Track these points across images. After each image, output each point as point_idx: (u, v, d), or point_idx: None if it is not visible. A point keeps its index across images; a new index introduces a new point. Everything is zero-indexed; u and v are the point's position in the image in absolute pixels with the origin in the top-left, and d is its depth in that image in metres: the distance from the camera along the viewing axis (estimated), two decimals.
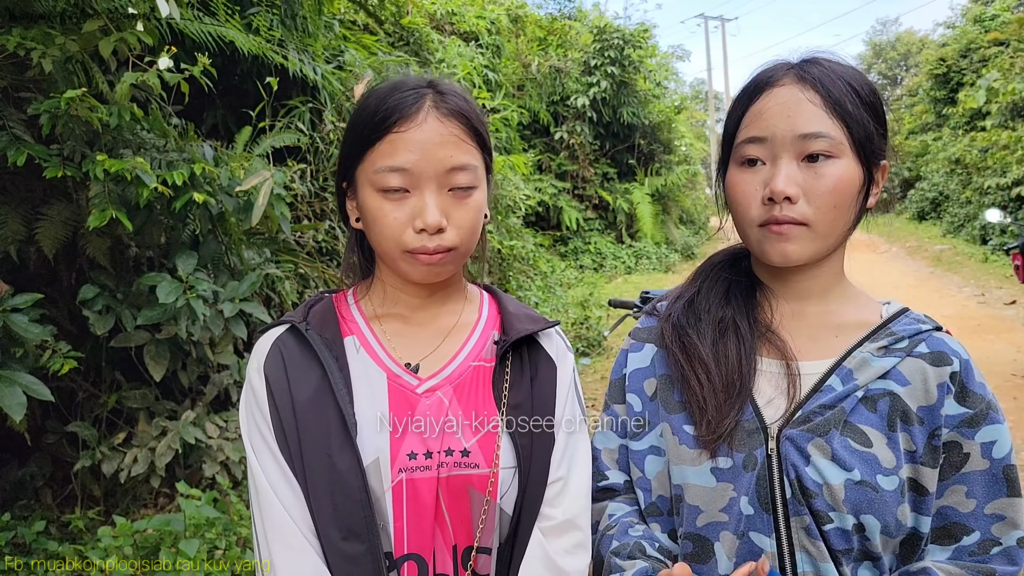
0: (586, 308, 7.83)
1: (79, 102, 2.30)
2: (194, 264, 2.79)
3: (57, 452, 3.12)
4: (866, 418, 0.94)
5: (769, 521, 0.93)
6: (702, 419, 0.97)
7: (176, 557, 2.54)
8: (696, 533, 0.98)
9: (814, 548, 0.92)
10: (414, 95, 0.96)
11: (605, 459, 1.11)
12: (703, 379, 0.99)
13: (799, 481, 0.92)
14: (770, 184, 0.92)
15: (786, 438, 0.94)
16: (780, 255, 0.95)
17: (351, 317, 1.07)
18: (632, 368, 1.10)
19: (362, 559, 0.93)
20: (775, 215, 0.93)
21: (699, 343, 1.02)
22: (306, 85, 4.05)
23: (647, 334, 1.12)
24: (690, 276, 1.15)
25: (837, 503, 0.90)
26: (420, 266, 0.97)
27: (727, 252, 1.13)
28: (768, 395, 0.99)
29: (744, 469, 0.95)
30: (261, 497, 0.95)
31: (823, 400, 0.95)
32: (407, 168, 0.94)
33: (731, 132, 1.01)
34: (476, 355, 1.06)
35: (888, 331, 0.99)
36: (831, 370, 0.97)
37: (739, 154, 0.98)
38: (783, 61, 1.00)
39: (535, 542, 1.00)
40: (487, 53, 9.28)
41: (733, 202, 0.99)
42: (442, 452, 0.98)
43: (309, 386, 0.97)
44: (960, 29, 19.20)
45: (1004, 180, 12.00)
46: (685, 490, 0.99)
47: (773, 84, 0.96)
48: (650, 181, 14.46)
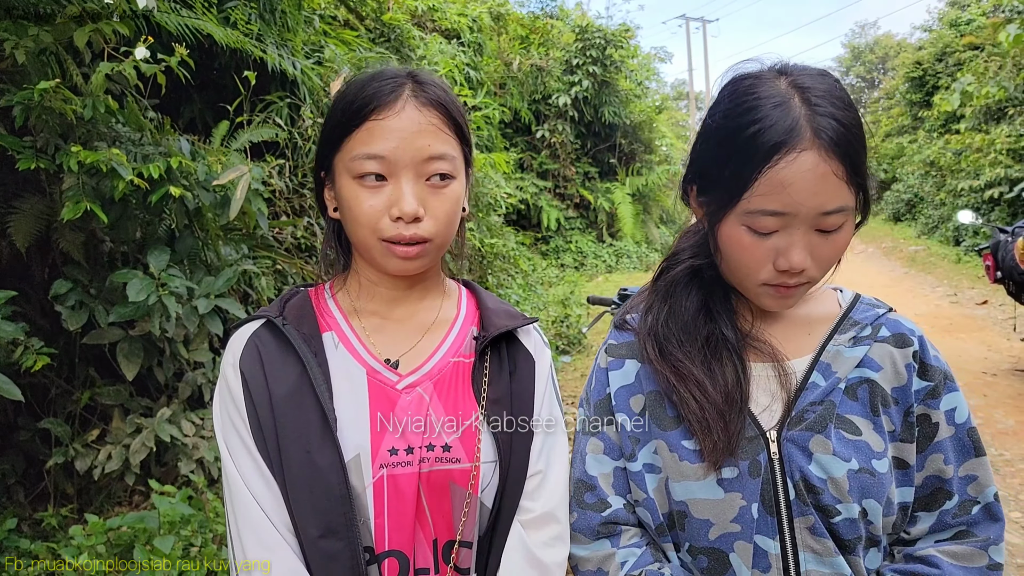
0: (566, 306, 7.86)
1: (53, 93, 2.26)
2: (167, 260, 2.76)
3: (29, 449, 3.07)
4: (851, 407, 0.97)
5: (773, 524, 0.94)
6: (707, 436, 0.96)
7: (150, 555, 2.51)
8: (710, 547, 0.97)
9: (819, 546, 0.93)
10: (393, 84, 0.97)
11: (603, 485, 1.06)
12: (700, 399, 0.98)
13: (804, 480, 0.94)
14: (787, 256, 0.90)
15: (787, 440, 0.96)
16: (778, 306, 0.99)
17: (328, 312, 1.06)
18: (616, 387, 1.07)
19: (340, 556, 0.92)
20: (787, 282, 0.93)
21: (690, 363, 1.00)
22: (285, 80, 4.01)
23: (626, 350, 1.09)
24: (654, 287, 1.10)
25: (843, 494, 0.92)
26: (395, 259, 0.97)
27: (687, 267, 1.07)
28: (760, 400, 0.99)
29: (750, 476, 0.95)
30: (235, 495, 0.95)
31: (812, 397, 0.97)
32: (384, 156, 0.94)
33: (736, 187, 0.91)
34: (456, 351, 1.06)
35: (851, 320, 1.03)
36: (811, 366, 0.99)
37: (751, 220, 0.91)
38: (783, 94, 0.90)
39: (515, 535, 1.01)
40: (469, 51, 9.26)
41: (735, 260, 0.95)
42: (423, 448, 0.98)
43: (287, 382, 0.96)
44: (936, 33, 19.51)
45: (977, 182, 12.22)
46: (691, 505, 0.98)
47: (793, 147, 0.87)
48: (631, 181, 14.54)
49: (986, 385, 5.54)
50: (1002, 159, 11.79)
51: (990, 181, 11.84)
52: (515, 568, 0.99)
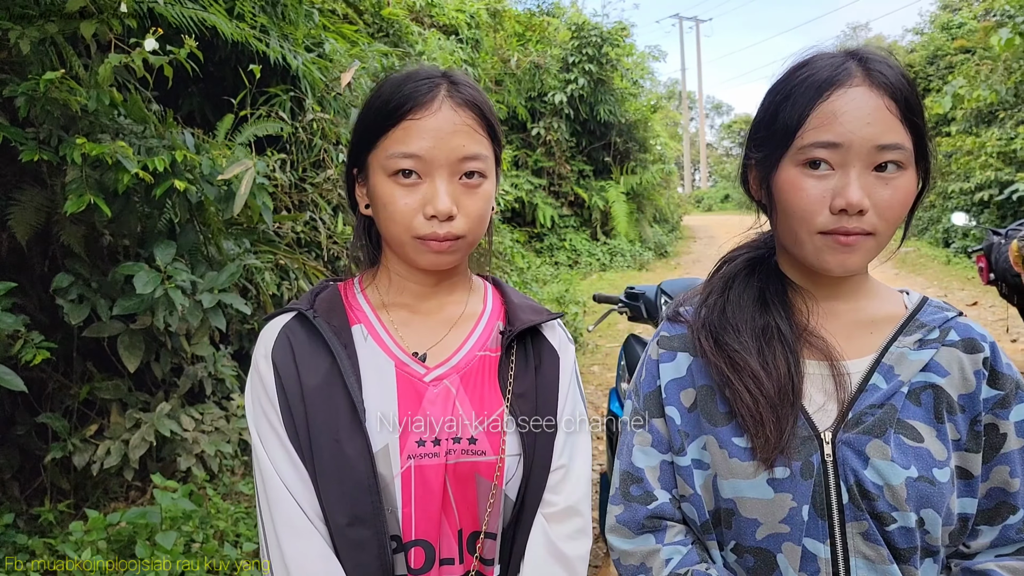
0: (562, 304, 7.87)
1: (58, 85, 2.23)
2: (172, 254, 2.74)
3: (26, 444, 3.04)
4: (914, 413, 0.94)
5: (824, 528, 0.92)
6: (759, 432, 0.94)
7: (152, 551, 2.50)
8: (757, 547, 0.96)
9: (872, 552, 0.91)
10: (428, 84, 0.98)
11: (650, 478, 1.04)
12: (755, 391, 0.95)
13: (859, 485, 0.91)
14: (843, 194, 0.88)
15: (842, 442, 0.93)
16: (840, 265, 0.92)
17: (358, 305, 1.07)
18: (667, 379, 1.05)
19: (368, 544, 0.94)
20: (845, 226, 0.89)
21: (746, 355, 0.98)
22: (286, 74, 3.99)
23: (679, 343, 1.07)
24: (710, 281, 1.10)
25: (900, 502, 0.90)
26: (428, 253, 0.98)
27: (746, 259, 1.08)
28: (815, 399, 0.97)
29: (802, 477, 0.93)
30: (267, 483, 0.96)
31: (872, 400, 0.94)
32: (420, 155, 0.95)
33: (789, 127, 0.92)
34: (482, 345, 1.07)
35: (918, 322, 1.00)
36: (872, 368, 0.97)
37: (804, 155, 0.91)
38: (838, 54, 0.94)
39: (538, 528, 1.02)
40: (466, 47, 9.25)
41: (791, 206, 0.93)
42: (450, 440, 0.99)
43: (318, 373, 0.97)
44: (928, 36, 19.64)
45: (967, 185, 12.32)
46: (739, 504, 0.96)
47: (844, 83, 0.89)
48: (625, 179, 14.55)
49: None
50: (992, 162, 11.91)
51: (980, 184, 11.95)
52: (538, 560, 1.01)
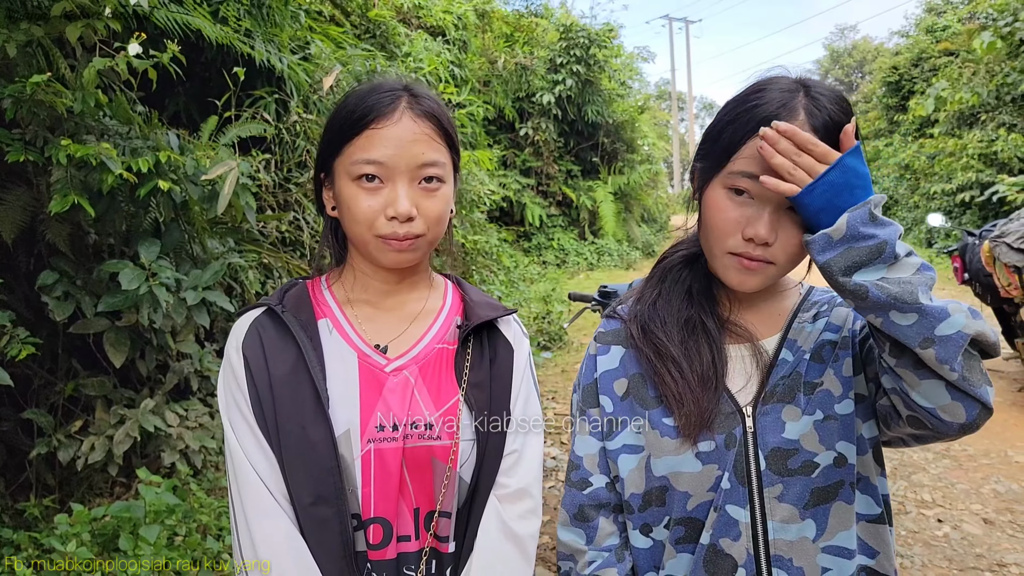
0: (548, 303, 7.94)
1: (44, 87, 2.28)
2: (157, 252, 2.79)
3: (11, 440, 3.08)
4: (817, 370, 1.05)
5: (744, 494, 1.01)
6: (680, 411, 1.04)
7: (136, 543, 2.55)
8: (687, 516, 1.05)
9: (787, 513, 1.00)
10: (391, 96, 1.05)
11: (587, 465, 1.14)
12: (676, 375, 1.05)
13: (776, 449, 1.01)
14: (754, 226, 0.97)
15: (761, 414, 1.03)
16: (741, 284, 1.02)
17: (324, 301, 1.14)
18: (602, 371, 1.15)
19: (330, 523, 1.01)
20: (750, 252, 0.99)
21: (668, 343, 1.08)
22: (272, 76, 4.04)
23: (613, 336, 1.17)
24: (648, 278, 1.20)
25: (815, 446, 1.00)
26: (391, 251, 1.05)
27: (682, 255, 1.18)
28: (739, 379, 1.07)
29: (726, 448, 1.03)
30: (238, 468, 1.02)
31: (783, 372, 1.05)
32: (382, 161, 1.02)
33: (726, 151, 0.99)
34: (440, 338, 1.15)
35: (810, 302, 1.13)
36: (780, 345, 1.08)
37: (731, 181, 0.99)
38: (789, 87, 0.98)
39: (491, 508, 1.10)
40: (453, 48, 9.29)
41: (711, 223, 1.02)
42: (408, 425, 1.06)
43: (285, 364, 1.04)
44: (913, 39, 19.82)
45: (949, 186, 12.46)
46: (673, 479, 1.05)
47: (783, 120, 0.94)
48: (613, 179, 14.65)
49: None
50: (973, 163, 12.06)
51: (962, 185, 12.09)
52: (491, 537, 1.08)
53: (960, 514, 3.57)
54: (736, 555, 1.01)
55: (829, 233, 0.90)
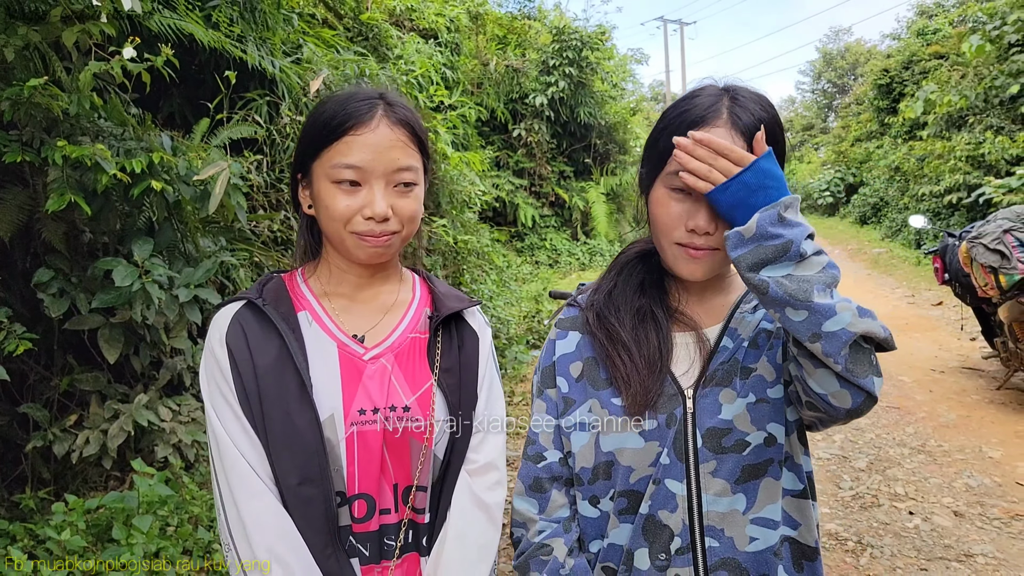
0: (539, 302, 8.04)
1: (41, 90, 2.36)
2: (150, 250, 2.86)
3: (7, 433, 3.15)
4: (753, 356, 1.15)
5: (682, 469, 1.10)
6: (627, 392, 1.13)
7: (129, 532, 2.63)
8: (630, 489, 1.14)
9: (719, 487, 1.10)
10: (368, 104, 1.14)
11: (543, 441, 1.23)
12: (625, 359, 1.15)
13: (713, 429, 1.10)
14: (694, 219, 1.07)
15: (700, 396, 1.13)
16: (691, 274, 1.12)
17: (302, 294, 1.23)
18: (560, 354, 1.24)
19: (315, 500, 1.10)
20: (695, 242, 1.09)
21: (620, 329, 1.18)
22: (264, 78, 4.12)
23: (571, 323, 1.27)
24: (606, 271, 1.31)
25: (747, 426, 1.10)
26: (367, 247, 1.15)
27: (638, 250, 1.29)
28: (682, 364, 1.17)
29: (667, 427, 1.12)
30: (223, 452, 1.10)
31: (722, 358, 1.15)
32: (360, 166, 1.11)
33: (663, 153, 1.10)
34: (413, 328, 1.25)
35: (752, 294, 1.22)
36: (721, 333, 1.18)
37: (669, 182, 1.09)
38: (716, 93, 1.10)
39: (462, 481, 1.21)
40: (446, 51, 9.38)
41: (657, 220, 1.12)
42: (387, 408, 1.16)
43: (269, 354, 1.13)
44: (904, 41, 19.98)
45: (938, 188, 12.58)
46: (618, 454, 1.14)
47: (708, 124, 1.06)
48: (605, 180, 14.77)
49: (933, 382, 5.82)
50: (961, 166, 12.18)
51: (949, 187, 12.20)
52: (463, 507, 1.19)
53: (931, 507, 3.68)
54: (673, 525, 1.11)
55: (741, 231, 1.00)
